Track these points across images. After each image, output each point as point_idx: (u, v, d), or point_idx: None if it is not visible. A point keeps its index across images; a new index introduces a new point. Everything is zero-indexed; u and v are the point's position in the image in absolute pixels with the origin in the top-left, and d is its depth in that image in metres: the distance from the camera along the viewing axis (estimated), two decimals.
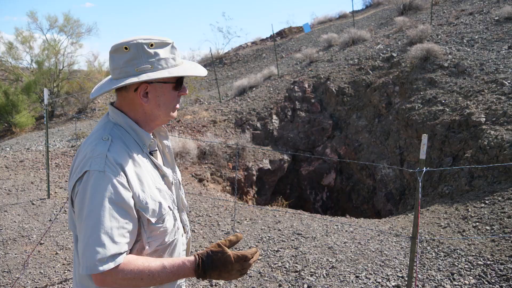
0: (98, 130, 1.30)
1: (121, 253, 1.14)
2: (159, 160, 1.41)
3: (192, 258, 1.22)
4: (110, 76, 1.38)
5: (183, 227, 1.51)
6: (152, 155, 1.37)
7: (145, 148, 1.33)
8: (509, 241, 3.97)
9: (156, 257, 1.30)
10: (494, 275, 3.54)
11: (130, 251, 1.25)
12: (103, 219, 1.12)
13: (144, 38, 1.26)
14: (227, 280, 1.23)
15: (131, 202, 1.19)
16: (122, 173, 1.18)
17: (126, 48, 1.25)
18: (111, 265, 1.11)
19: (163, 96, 1.31)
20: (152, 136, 1.35)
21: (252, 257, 1.25)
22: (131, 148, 1.28)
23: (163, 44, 1.28)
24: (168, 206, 1.33)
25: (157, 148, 1.41)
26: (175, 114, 1.39)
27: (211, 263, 1.20)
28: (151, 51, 1.26)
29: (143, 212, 1.22)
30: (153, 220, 1.24)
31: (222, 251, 1.23)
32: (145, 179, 1.25)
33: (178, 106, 1.39)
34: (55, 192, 5.88)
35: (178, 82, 1.33)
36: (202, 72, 1.36)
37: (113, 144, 1.23)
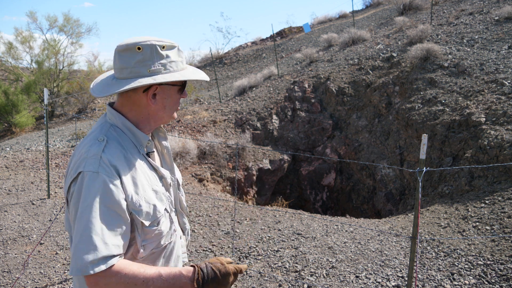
0: (94, 130, 1.29)
1: (113, 256, 1.11)
2: (157, 162, 1.40)
3: (190, 268, 1.20)
4: (110, 74, 1.35)
5: (182, 230, 1.48)
6: (150, 157, 1.35)
7: (142, 149, 1.31)
8: (509, 241, 3.97)
9: (152, 260, 1.28)
10: (494, 275, 3.54)
11: (125, 255, 1.22)
12: (94, 220, 1.10)
13: (156, 39, 1.26)
14: None
15: (124, 205, 1.16)
16: (116, 174, 1.17)
17: (139, 48, 1.24)
18: (102, 267, 1.08)
19: (170, 98, 1.33)
20: (149, 137, 1.34)
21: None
22: (128, 150, 1.27)
23: (172, 47, 1.30)
24: (165, 209, 1.31)
25: (154, 150, 1.39)
26: (175, 115, 1.42)
27: (209, 274, 1.20)
28: (163, 53, 1.26)
29: (136, 215, 1.20)
30: (146, 223, 1.22)
31: (221, 262, 1.24)
32: (139, 181, 1.24)
33: (178, 108, 1.42)
34: (55, 192, 5.87)
35: (183, 85, 1.36)
36: (205, 76, 1.41)
37: (108, 145, 1.22)
